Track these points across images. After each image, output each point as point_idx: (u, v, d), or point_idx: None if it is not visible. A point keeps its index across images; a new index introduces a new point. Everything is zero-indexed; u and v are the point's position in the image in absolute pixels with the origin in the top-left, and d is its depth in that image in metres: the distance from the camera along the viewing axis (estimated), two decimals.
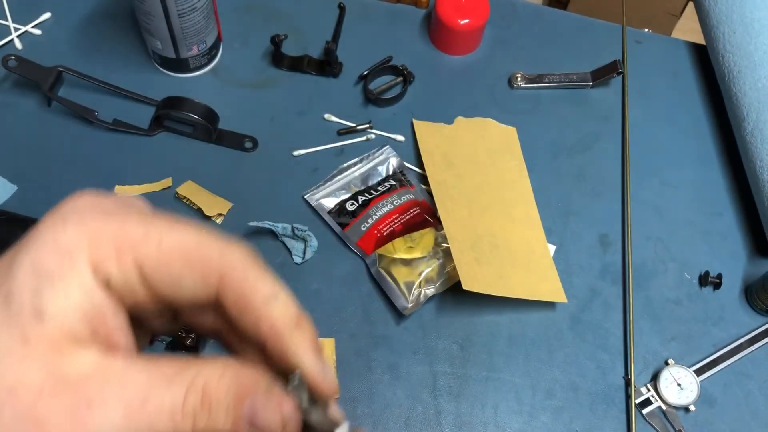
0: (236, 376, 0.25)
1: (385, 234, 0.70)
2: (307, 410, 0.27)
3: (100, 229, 0.25)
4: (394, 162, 0.75)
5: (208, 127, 0.74)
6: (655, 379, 0.67)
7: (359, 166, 0.75)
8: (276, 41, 0.77)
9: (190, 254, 0.26)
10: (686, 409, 0.66)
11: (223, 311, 0.27)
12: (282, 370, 0.27)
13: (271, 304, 0.27)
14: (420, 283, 0.67)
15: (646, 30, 0.92)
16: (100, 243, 0.25)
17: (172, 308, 0.28)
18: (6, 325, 0.23)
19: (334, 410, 0.29)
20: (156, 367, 0.24)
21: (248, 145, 0.76)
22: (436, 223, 0.71)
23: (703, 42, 0.86)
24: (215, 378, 0.25)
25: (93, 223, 0.25)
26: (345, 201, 0.72)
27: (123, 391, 0.23)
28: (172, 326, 0.30)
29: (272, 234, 0.71)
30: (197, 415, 0.24)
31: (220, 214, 0.71)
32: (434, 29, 0.83)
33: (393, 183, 0.74)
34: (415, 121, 0.78)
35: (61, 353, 0.23)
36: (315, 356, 0.27)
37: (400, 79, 0.81)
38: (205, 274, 0.26)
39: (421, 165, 0.76)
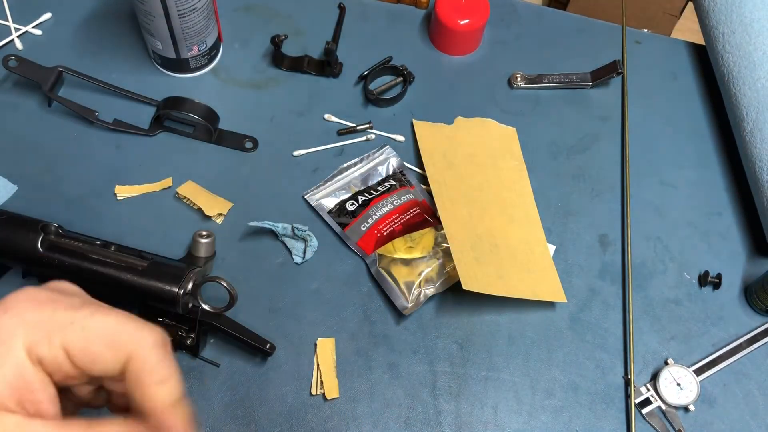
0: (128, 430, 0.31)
1: (385, 234, 0.70)
2: None
3: (34, 317, 0.32)
4: (394, 162, 0.75)
5: (208, 127, 0.74)
6: (654, 378, 0.67)
7: (359, 166, 0.75)
8: (276, 41, 0.78)
9: (106, 337, 0.33)
10: (686, 408, 0.66)
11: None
12: None
13: (158, 387, 0.33)
14: (420, 282, 0.68)
15: (646, 30, 0.92)
16: (33, 329, 0.32)
17: (96, 381, 0.35)
18: None
19: None
20: (67, 425, 0.31)
21: (248, 145, 0.76)
22: (436, 223, 0.71)
23: (702, 42, 0.86)
24: (114, 428, 0.31)
25: (28, 313, 0.32)
26: (345, 201, 0.72)
27: None
28: (97, 395, 0.37)
29: (272, 234, 0.71)
30: None
31: (220, 214, 0.71)
32: (434, 29, 0.83)
33: (393, 183, 0.74)
34: (415, 121, 0.78)
35: None
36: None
37: (400, 79, 0.81)
38: (116, 354, 0.33)
39: (421, 165, 0.76)
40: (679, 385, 0.66)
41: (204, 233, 0.66)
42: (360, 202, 0.72)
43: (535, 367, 0.67)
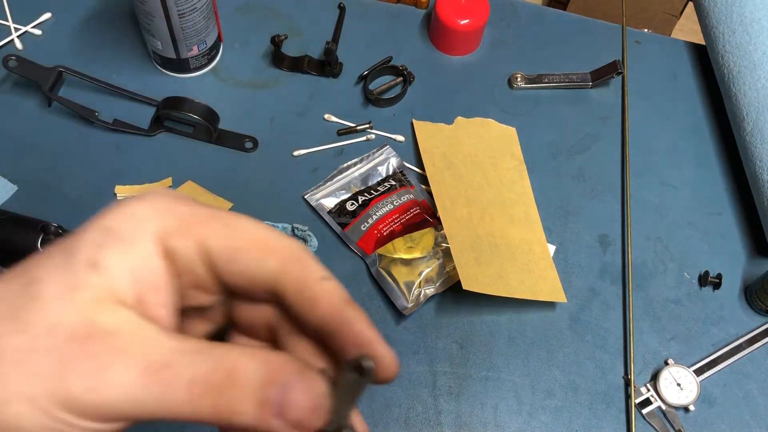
0: (267, 360, 0.25)
1: (385, 234, 0.70)
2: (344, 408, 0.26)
3: (170, 207, 0.27)
4: (394, 162, 0.75)
5: (208, 128, 0.74)
6: (654, 378, 0.67)
7: (359, 166, 0.75)
8: (276, 41, 0.78)
9: (253, 236, 0.27)
10: (686, 408, 0.66)
11: (280, 296, 0.28)
12: (336, 361, 0.28)
13: (326, 283, 0.28)
14: (420, 283, 0.67)
15: (646, 30, 0.92)
16: (168, 218, 0.26)
17: (226, 298, 0.29)
18: (61, 272, 0.25)
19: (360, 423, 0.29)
20: (186, 340, 0.25)
21: (248, 145, 0.76)
22: (436, 223, 0.71)
23: (702, 42, 0.86)
24: (244, 358, 0.25)
25: (164, 202, 0.27)
26: (345, 201, 0.72)
27: (146, 351, 0.24)
28: (220, 321, 0.31)
29: None
30: (218, 393, 0.24)
31: None
32: (434, 29, 0.83)
33: (393, 183, 0.74)
34: (415, 121, 0.78)
35: (101, 305, 0.24)
36: (374, 329, 0.27)
37: (400, 79, 0.81)
38: (266, 255, 0.27)
39: (421, 165, 0.76)
40: (679, 385, 0.66)
41: None
42: (360, 202, 0.72)
43: (535, 367, 0.67)
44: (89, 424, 0.24)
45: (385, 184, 0.74)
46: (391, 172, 0.75)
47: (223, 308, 0.30)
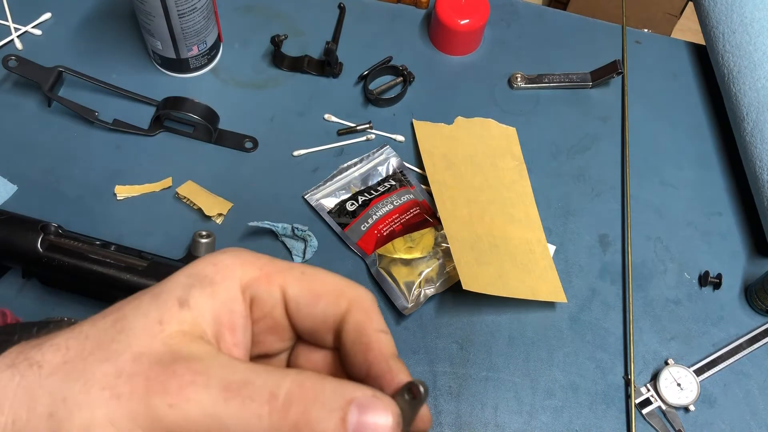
0: (343, 382, 0.27)
1: (385, 234, 0.70)
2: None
3: (252, 259, 0.30)
4: (394, 162, 0.75)
5: (208, 127, 0.74)
6: (654, 378, 0.67)
7: (359, 166, 0.75)
8: (276, 41, 0.78)
9: (329, 284, 0.31)
10: (686, 409, 0.66)
11: (339, 336, 0.31)
12: None
13: (382, 335, 0.30)
14: (420, 283, 0.67)
15: (646, 30, 0.92)
16: (251, 267, 0.30)
17: (293, 345, 0.32)
18: (150, 309, 0.28)
19: None
20: (260, 364, 0.27)
21: (248, 145, 0.76)
22: (436, 223, 0.71)
23: (702, 42, 0.86)
24: (321, 378, 0.26)
25: (246, 255, 0.30)
26: (345, 201, 0.72)
27: (225, 373, 0.26)
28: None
29: (272, 234, 0.71)
30: (300, 407, 0.25)
31: (220, 214, 0.71)
32: (434, 29, 0.83)
33: (393, 183, 0.74)
34: (415, 121, 0.78)
35: (184, 337, 0.27)
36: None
37: (400, 79, 0.81)
38: (337, 300, 0.30)
39: (421, 165, 0.76)
40: (679, 385, 0.66)
41: (204, 233, 0.66)
42: (360, 202, 0.72)
43: (535, 367, 0.67)
44: None
45: (385, 184, 0.74)
46: (391, 172, 0.75)
47: (285, 357, 0.33)
